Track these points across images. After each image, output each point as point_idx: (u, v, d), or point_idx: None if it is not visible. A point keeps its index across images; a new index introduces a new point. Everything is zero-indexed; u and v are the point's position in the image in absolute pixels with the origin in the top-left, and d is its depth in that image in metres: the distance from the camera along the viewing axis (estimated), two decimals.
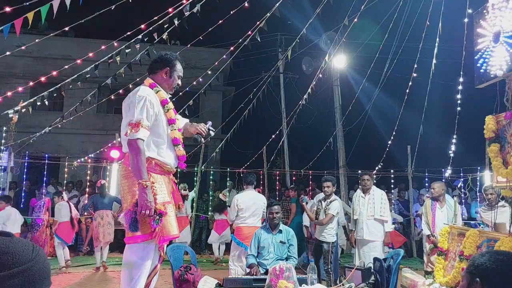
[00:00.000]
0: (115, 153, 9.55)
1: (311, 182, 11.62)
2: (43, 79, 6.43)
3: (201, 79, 8.26)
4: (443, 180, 9.39)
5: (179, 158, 3.05)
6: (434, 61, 7.32)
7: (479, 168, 9.36)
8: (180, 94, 7.33)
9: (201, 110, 15.44)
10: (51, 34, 7.33)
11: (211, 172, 11.65)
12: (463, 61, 6.54)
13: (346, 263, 6.08)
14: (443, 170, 10.01)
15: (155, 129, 2.89)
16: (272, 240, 4.87)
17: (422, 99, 8.77)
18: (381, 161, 10.33)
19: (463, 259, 4.35)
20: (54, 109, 14.87)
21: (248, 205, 5.95)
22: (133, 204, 2.73)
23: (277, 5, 6.26)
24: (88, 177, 10.47)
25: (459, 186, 10.80)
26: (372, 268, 3.99)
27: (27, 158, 10.41)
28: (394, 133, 9.70)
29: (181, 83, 3.17)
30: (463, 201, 10.51)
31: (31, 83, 6.68)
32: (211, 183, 12.05)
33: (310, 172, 11.48)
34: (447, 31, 7.34)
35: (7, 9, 4.70)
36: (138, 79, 7.27)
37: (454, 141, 7.37)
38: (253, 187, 6.26)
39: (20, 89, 6.93)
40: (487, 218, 5.89)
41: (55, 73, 6.39)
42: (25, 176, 11.93)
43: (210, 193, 11.21)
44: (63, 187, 11.19)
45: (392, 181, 11.39)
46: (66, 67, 6.53)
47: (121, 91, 7.56)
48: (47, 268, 0.99)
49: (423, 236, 6.61)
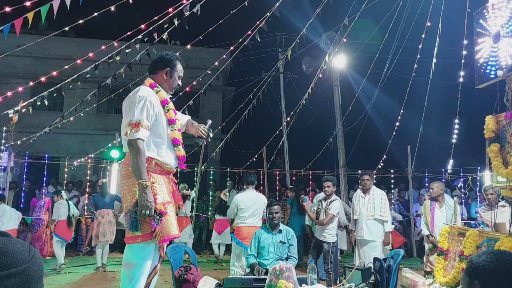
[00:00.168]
0: (115, 153, 9.56)
1: (311, 182, 11.63)
2: (43, 79, 6.42)
3: (201, 79, 8.26)
4: (443, 180, 9.39)
5: (179, 158, 3.05)
6: (434, 61, 7.32)
7: (479, 168, 9.36)
8: (180, 94, 7.33)
9: (201, 110, 15.43)
10: (51, 34, 7.31)
11: (211, 172, 11.66)
12: (463, 61, 6.54)
13: (346, 263, 6.08)
14: (443, 170, 10.02)
15: (155, 129, 2.89)
16: (272, 240, 4.88)
17: (422, 99, 8.78)
18: (381, 161, 10.33)
19: (463, 259, 4.34)
20: (54, 109, 14.86)
21: (248, 205, 5.96)
22: (133, 204, 2.73)
23: (277, 5, 6.26)
24: (88, 177, 10.47)
25: (459, 186, 10.80)
26: (372, 268, 3.98)
27: (27, 158, 10.41)
28: (394, 133, 9.70)
29: (181, 83, 3.18)
30: (463, 201, 10.51)
31: (31, 83, 6.68)
32: (211, 183, 12.06)
33: (310, 172, 11.48)
34: (447, 31, 7.35)
35: (7, 9, 4.70)
36: (138, 79, 7.26)
37: (454, 141, 7.37)
38: (254, 187, 6.27)
39: (20, 89, 6.92)
40: (487, 218, 5.88)
41: (55, 73, 6.39)
42: (25, 176, 11.94)
43: (210, 193, 11.21)
44: (63, 187, 11.19)
45: (392, 181, 11.39)
46: (66, 67, 6.52)
47: (121, 91, 7.57)
48: (42, 270, 1.00)
49: (424, 236, 6.61)
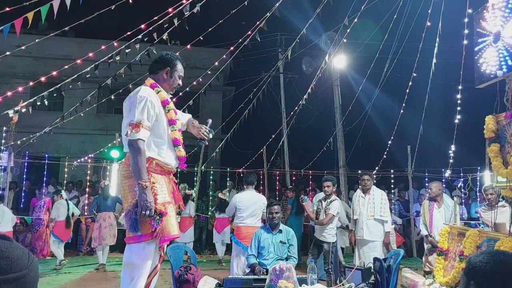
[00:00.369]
0: (115, 153, 9.56)
1: (311, 182, 11.62)
2: (43, 79, 6.42)
3: (201, 79, 8.26)
4: (443, 180, 9.39)
5: (180, 158, 3.05)
6: (434, 61, 7.32)
7: (479, 168, 9.36)
8: (180, 94, 7.33)
9: (201, 110, 15.43)
10: (51, 34, 7.30)
11: (211, 172, 11.66)
12: (463, 61, 6.54)
13: (346, 263, 6.08)
14: (443, 170, 10.01)
15: (155, 129, 2.90)
16: (272, 240, 4.88)
17: (422, 99, 8.76)
18: (381, 161, 10.33)
19: (463, 259, 4.34)
20: (54, 109, 14.86)
21: (247, 205, 5.96)
22: (134, 204, 2.73)
23: (277, 5, 6.26)
24: (88, 177, 10.47)
25: (459, 186, 10.79)
26: (372, 268, 3.99)
27: (27, 158, 10.41)
28: (394, 133, 9.70)
29: (181, 83, 3.18)
30: (463, 201, 10.51)
31: (31, 83, 6.67)
32: (211, 183, 12.06)
33: (310, 172, 11.48)
34: (447, 31, 7.34)
35: (7, 9, 4.70)
36: (138, 79, 7.27)
37: (454, 141, 7.37)
38: (254, 188, 6.27)
39: (20, 89, 6.92)
40: (487, 218, 5.88)
41: (55, 73, 6.39)
42: (25, 176, 11.94)
43: (210, 193, 11.21)
44: (63, 187, 11.19)
45: (392, 181, 11.39)
46: (66, 67, 6.51)
47: (121, 91, 7.56)
48: (38, 277, 1.00)
49: (423, 236, 6.61)
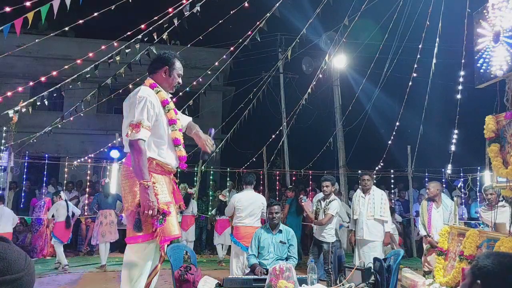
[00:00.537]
0: (115, 153, 9.56)
1: (311, 182, 11.62)
2: (43, 79, 6.41)
3: (201, 79, 8.26)
4: (443, 180, 9.40)
5: (180, 158, 3.05)
6: (434, 61, 7.32)
7: (479, 168, 9.36)
8: (180, 94, 7.33)
9: (201, 110, 15.43)
10: (51, 34, 7.30)
11: (211, 172, 11.66)
12: (463, 61, 6.54)
13: (346, 263, 6.08)
14: (443, 170, 10.01)
15: (155, 129, 2.89)
16: (272, 240, 4.88)
17: (422, 99, 8.76)
18: (381, 161, 10.33)
19: (463, 259, 4.35)
20: (54, 109, 14.85)
21: (245, 205, 5.95)
22: (136, 204, 2.73)
23: (277, 5, 6.26)
24: (88, 177, 10.47)
25: (459, 186, 10.80)
26: (372, 268, 3.99)
27: (27, 158, 10.41)
28: (394, 133, 9.69)
29: (181, 82, 3.17)
30: (463, 201, 10.51)
31: (31, 83, 6.67)
32: (211, 183, 12.06)
33: (310, 172, 11.48)
34: (447, 31, 7.34)
35: (7, 9, 4.70)
36: (138, 79, 7.25)
37: (454, 141, 7.37)
38: (253, 187, 6.26)
39: (20, 89, 6.92)
40: (487, 218, 5.88)
41: (55, 73, 6.38)
42: (25, 176, 11.94)
43: (210, 193, 11.21)
44: (63, 187, 11.19)
45: (392, 181, 11.39)
46: (66, 67, 6.51)
47: (121, 91, 7.56)
48: (34, 280, 1.00)
49: (422, 236, 6.60)
